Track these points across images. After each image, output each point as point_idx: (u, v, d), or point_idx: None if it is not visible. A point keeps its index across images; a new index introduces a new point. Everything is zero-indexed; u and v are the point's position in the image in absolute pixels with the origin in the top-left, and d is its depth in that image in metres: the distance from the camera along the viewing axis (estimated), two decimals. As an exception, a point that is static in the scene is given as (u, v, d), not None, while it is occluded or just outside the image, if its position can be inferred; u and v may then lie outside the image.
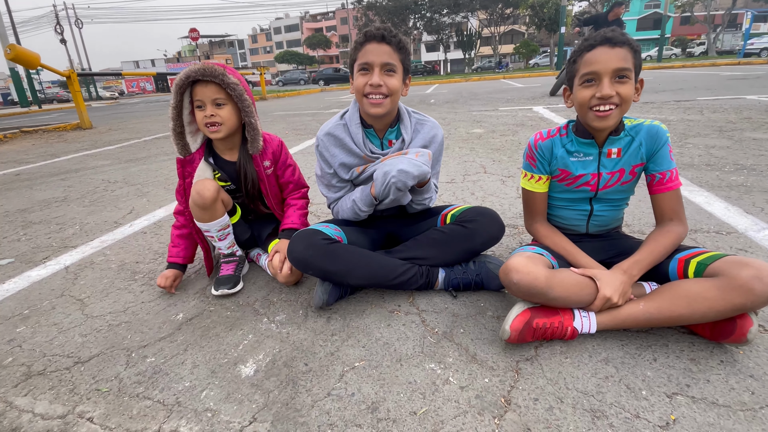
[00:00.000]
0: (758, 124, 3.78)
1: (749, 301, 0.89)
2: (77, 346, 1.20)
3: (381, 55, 1.21)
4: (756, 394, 0.87)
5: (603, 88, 1.02)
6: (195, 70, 1.28)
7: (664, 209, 1.13)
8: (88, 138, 6.57)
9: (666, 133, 1.11)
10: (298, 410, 0.91)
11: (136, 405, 0.96)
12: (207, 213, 1.39)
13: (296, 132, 5.67)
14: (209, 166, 1.45)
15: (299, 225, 1.51)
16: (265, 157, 1.49)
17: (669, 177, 1.11)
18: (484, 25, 40.39)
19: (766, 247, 1.50)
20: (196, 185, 1.37)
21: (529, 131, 4.35)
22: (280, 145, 1.54)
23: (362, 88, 1.23)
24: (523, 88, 10.91)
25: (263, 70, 15.04)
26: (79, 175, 3.70)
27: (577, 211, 1.25)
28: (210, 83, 1.30)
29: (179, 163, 1.45)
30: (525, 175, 1.27)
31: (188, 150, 1.43)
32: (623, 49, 1.01)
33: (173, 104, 1.34)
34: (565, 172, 1.20)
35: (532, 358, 1.03)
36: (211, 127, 1.35)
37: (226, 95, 1.33)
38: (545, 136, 1.21)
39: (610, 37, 1.02)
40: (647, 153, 1.13)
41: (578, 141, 1.16)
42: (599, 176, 1.17)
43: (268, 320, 1.28)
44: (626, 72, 1.02)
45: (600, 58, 1.02)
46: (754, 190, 2.12)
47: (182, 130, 1.39)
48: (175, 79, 1.32)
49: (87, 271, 1.72)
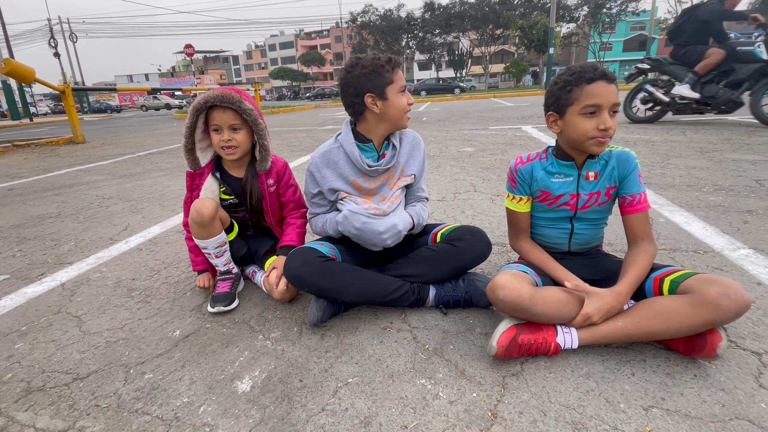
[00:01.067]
0: (738, 145, 3.94)
1: (717, 316, 0.95)
2: (75, 362, 1.23)
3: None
4: (726, 406, 0.93)
5: (606, 120, 1.11)
6: (214, 96, 1.37)
7: (635, 229, 1.21)
8: (81, 153, 6.58)
9: (635, 159, 1.21)
10: (294, 425, 0.95)
11: (135, 420, 0.99)
12: (205, 230, 1.44)
13: (291, 148, 5.74)
14: (216, 180, 1.52)
15: (297, 243, 1.56)
16: (269, 176, 1.56)
17: (638, 199, 1.20)
18: (475, 45, 41.37)
19: (741, 266, 1.58)
20: (196, 203, 1.43)
21: (518, 150, 4.47)
22: (285, 167, 1.62)
23: (405, 108, 1.38)
24: (513, 107, 11.17)
25: (257, 86, 15.23)
26: (73, 191, 3.71)
27: (559, 229, 1.32)
28: (228, 109, 1.40)
29: (189, 177, 1.55)
30: (508, 195, 1.36)
31: (198, 164, 1.52)
32: (614, 86, 1.11)
33: (188, 124, 1.44)
34: (545, 192, 1.28)
35: (518, 373, 1.08)
36: (227, 150, 1.44)
37: (242, 120, 1.43)
38: (524, 160, 1.29)
39: (607, 74, 1.11)
40: (619, 177, 1.22)
41: (559, 163, 1.24)
42: (578, 197, 1.25)
43: (263, 337, 1.31)
44: (618, 107, 1.12)
45: (602, 92, 1.10)
46: (732, 210, 2.21)
47: (193, 146, 1.49)
48: (194, 102, 1.42)
49: (83, 287, 1.74)
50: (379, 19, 39.91)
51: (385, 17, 39.79)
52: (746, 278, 1.49)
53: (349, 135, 1.41)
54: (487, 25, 37.60)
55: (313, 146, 5.81)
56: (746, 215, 2.12)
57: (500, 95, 18.65)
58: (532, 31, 31.09)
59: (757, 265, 1.57)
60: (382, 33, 39.03)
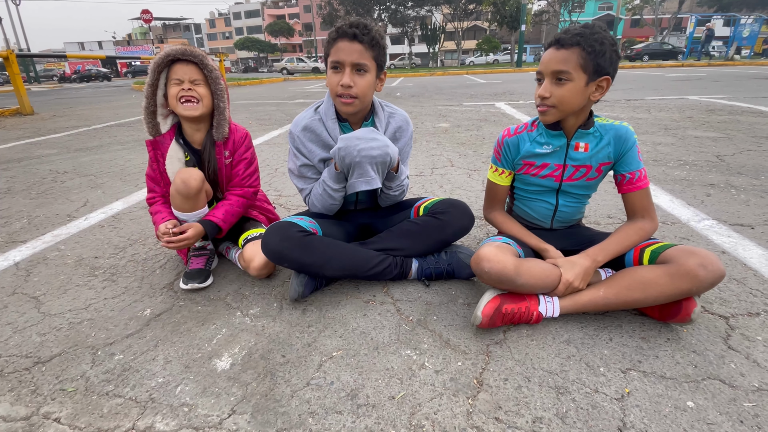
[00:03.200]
0: (699, 123, 4.10)
1: (695, 286, 0.99)
2: (36, 345, 1.14)
3: (352, 53, 1.19)
4: (698, 367, 0.97)
5: (541, 88, 1.09)
6: (176, 50, 1.31)
7: (635, 207, 1.19)
8: (29, 125, 6.08)
9: (634, 135, 1.16)
10: (278, 401, 0.92)
11: (107, 403, 0.93)
12: (189, 202, 1.36)
13: (260, 122, 5.53)
14: (180, 147, 1.42)
15: (220, 221, 1.43)
16: (227, 146, 1.47)
17: (638, 177, 1.17)
18: (448, 20, 40.82)
19: (706, 236, 1.65)
20: (182, 172, 1.33)
21: (493, 126, 4.48)
22: (244, 137, 1.51)
23: (335, 88, 1.23)
24: (486, 84, 11.18)
25: (222, 57, 14.45)
26: (23, 165, 3.43)
27: (544, 202, 1.31)
28: (190, 63, 1.33)
29: (150, 145, 1.43)
30: (491, 167, 1.35)
31: (158, 130, 1.42)
32: (568, 51, 1.03)
33: (150, 82, 1.34)
34: (529, 163, 1.26)
35: (501, 342, 1.09)
36: (186, 104, 1.33)
37: (203, 77, 1.36)
38: (512, 132, 1.27)
39: (560, 39, 1.04)
40: (615, 153, 1.18)
41: (547, 133, 1.21)
42: (564, 168, 1.23)
43: (241, 314, 1.26)
44: (564, 74, 1.05)
45: (545, 59, 1.08)
46: (695, 183, 2.31)
47: (155, 109, 1.38)
48: (155, 57, 1.32)
49: (40, 267, 1.62)
50: (350, -11, 38.49)
51: (356, -13, 38.40)
52: (711, 247, 1.56)
53: (331, 109, 1.33)
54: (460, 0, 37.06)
55: (285, 120, 5.62)
56: (709, 188, 2.22)
57: (473, 72, 18.60)
58: (505, 7, 30.95)
59: (721, 235, 1.65)
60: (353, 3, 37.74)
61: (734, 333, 1.08)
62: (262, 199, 1.74)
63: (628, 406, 0.87)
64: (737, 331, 1.09)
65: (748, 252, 1.50)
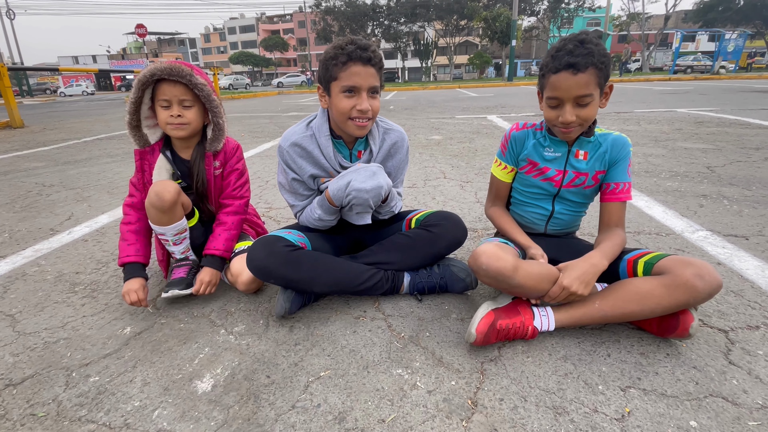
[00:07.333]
0: (688, 135, 4.14)
1: (692, 297, 0.96)
2: (8, 366, 1.08)
3: (368, 78, 1.16)
4: (700, 384, 0.94)
5: (565, 114, 1.07)
6: (161, 68, 1.23)
7: (611, 217, 1.20)
8: (19, 138, 6.00)
9: (630, 146, 1.18)
10: (261, 425, 0.87)
11: (78, 429, 0.87)
12: (165, 216, 1.31)
13: (253, 134, 5.50)
14: (167, 160, 1.38)
15: (222, 251, 1.40)
16: (217, 158, 1.43)
17: (622, 188, 1.18)
18: (440, 35, 41.52)
19: (701, 247, 1.63)
20: (156, 186, 1.29)
21: (485, 139, 4.50)
22: (235, 149, 1.48)
23: (348, 112, 1.18)
24: (478, 98, 11.30)
25: (217, 71, 14.50)
26: (9, 178, 3.36)
27: (539, 208, 1.29)
28: (177, 83, 1.26)
29: (138, 155, 1.39)
30: (496, 161, 1.34)
31: (147, 141, 1.37)
32: (586, 74, 1.02)
33: (133, 99, 1.29)
34: (533, 162, 1.25)
35: (496, 359, 1.05)
36: (174, 127, 1.30)
37: (193, 96, 1.30)
38: (521, 126, 1.27)
39: (574, 63, 1.02)
40: (610, 161, 1.19)
41: (550, 138, 1.21)
42: (564, 173, 1.22)
43: (225, 332, 1.21)
44: (587, 98, 1.05)
45: (562, 85, 1.05)
46: (687, 194, 2.31)
47: (138, 123, 1.34)
48: (139, 74, 1.26)
49: (18, 283, 1.56)
50: (344, 5, 39.07)
51: (350, 3, 38.98)
52: (706, 258, 1.54)
53: (324, 125, 1.29)
54: (452, 16, 37.78)
55: (278, 132, 5.60)
56: (701, 199, 2.21)
57: (465, 86, 18.83)
58: (496, 23, 31.57)
59: (716, 246, 1.63)
60: (347, 19, 38.28)
61: (734, 347, 1.05)
62: (252, 213, 1.70)
63: (630, 426, 0.83)
64: (737, 345, 1.06)
65: (743, 263, 1.48)
